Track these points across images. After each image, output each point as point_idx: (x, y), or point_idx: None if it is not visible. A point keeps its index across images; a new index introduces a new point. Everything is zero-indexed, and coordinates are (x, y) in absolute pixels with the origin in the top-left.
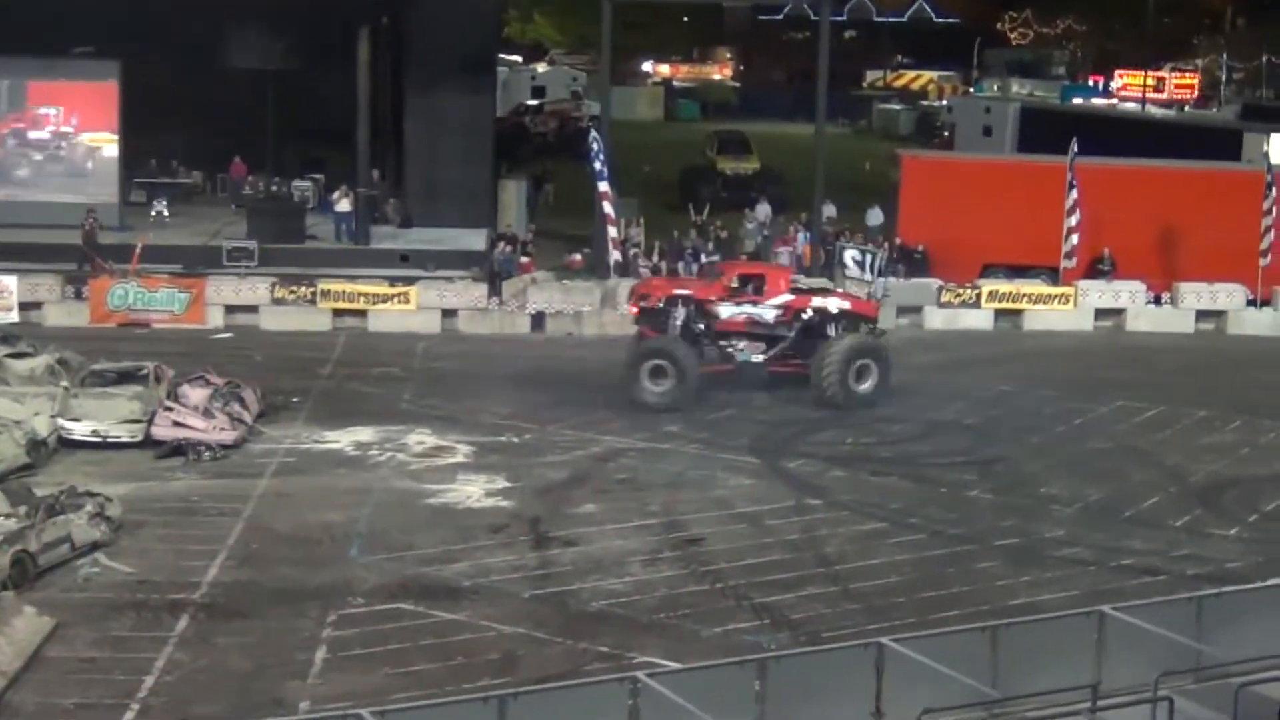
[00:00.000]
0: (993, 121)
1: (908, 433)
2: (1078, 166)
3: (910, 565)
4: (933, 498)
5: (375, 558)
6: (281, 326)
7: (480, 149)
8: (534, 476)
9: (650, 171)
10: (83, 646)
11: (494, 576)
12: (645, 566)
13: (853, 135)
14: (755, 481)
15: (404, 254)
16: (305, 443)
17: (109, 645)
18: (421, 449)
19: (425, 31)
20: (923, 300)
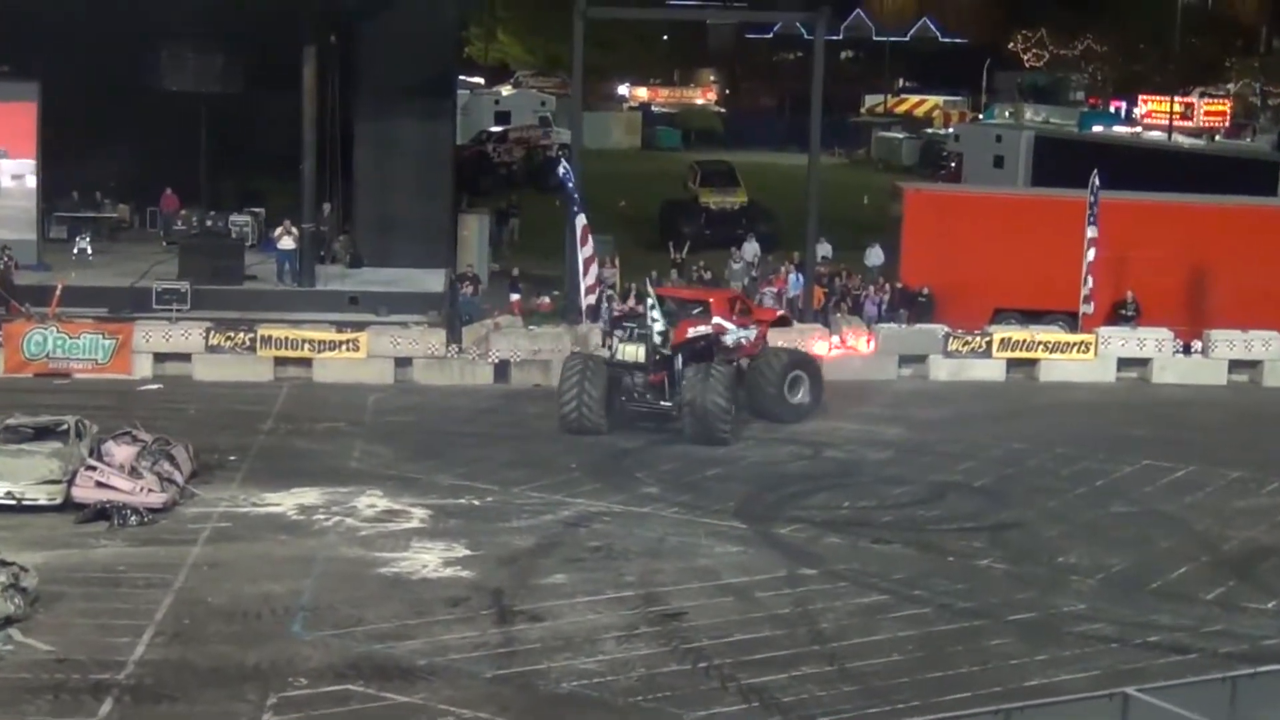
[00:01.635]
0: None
1: (911, 495)
2: (1099, 201)
3: (914, 642)
4: (939, 567)
5: (320, 634)
6: (217, 377)
7: (438, 180)
8: (497, 544)
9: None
10: None
11: (453, 655)
12: (621, 643)
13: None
14: (743, 549)
15: (353, 296)
16: (243, 506)
17: None
18: (372, 513)
19: (377, 51)
20: (928, 348)
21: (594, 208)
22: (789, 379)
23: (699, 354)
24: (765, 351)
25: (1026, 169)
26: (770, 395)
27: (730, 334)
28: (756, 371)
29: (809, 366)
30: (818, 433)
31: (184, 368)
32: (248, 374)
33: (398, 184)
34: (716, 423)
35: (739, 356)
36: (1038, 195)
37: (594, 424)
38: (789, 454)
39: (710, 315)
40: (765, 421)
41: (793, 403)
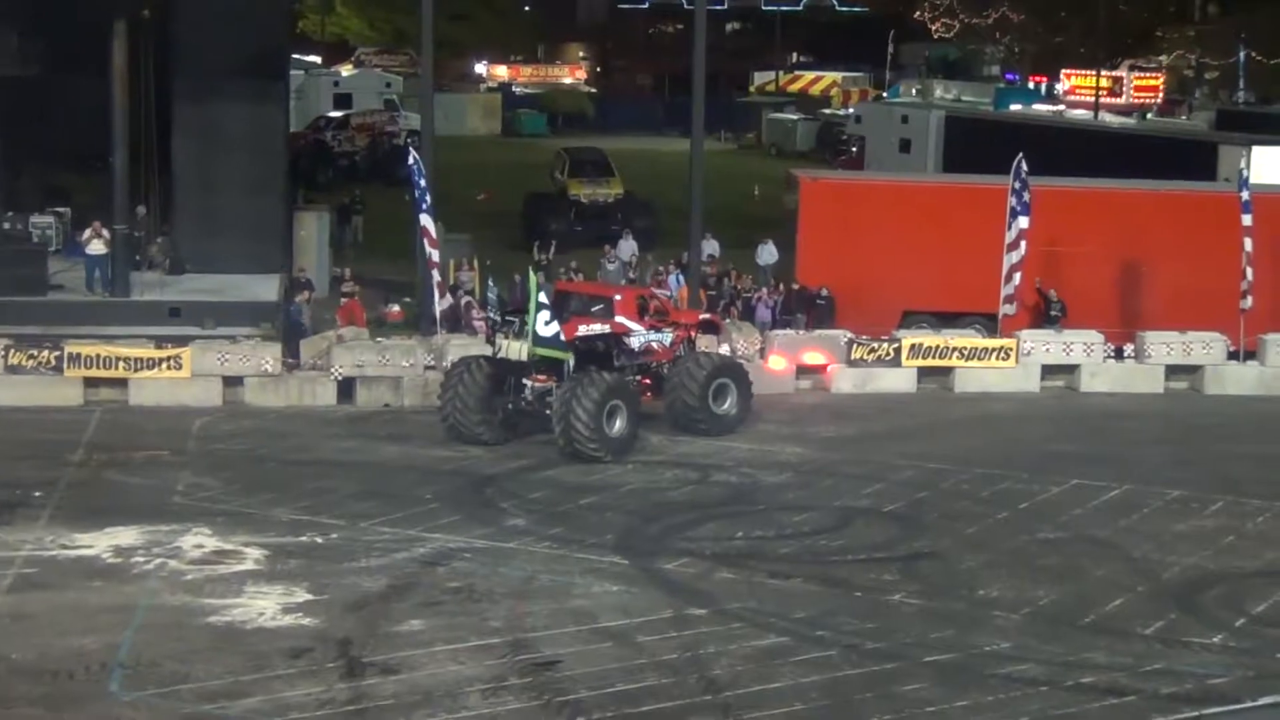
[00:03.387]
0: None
1: (813, 524)
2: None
3: (819, 689)
4: (845, 604)
5: (142, 694)
6: (17, 400)
7: (269, 174)
8: (344, 586)
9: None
10: None
11: (294, 714)
12: (486, 698)
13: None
14: (623, 588)
15: (174, 307)
16: (50, 549)
17: None
18: (199, 554)
19: (197, 26)
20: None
21: (449, 202)
22: (714, 387)
23: (598, 358)
24: (686, 358)
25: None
26: (692, 405)
27: (636, 336)
28: (676, 379)
29: (735, 373)
30: (706, 454)
31: None
32: (53, 397)
33: (223, 178)
34: (580, 438)
35: (652, 362)
36: (950, 182)
37: (470, 430)
38: (673, 479)
39: (612, 314)
40: (688, 436)
41: (718, 413)
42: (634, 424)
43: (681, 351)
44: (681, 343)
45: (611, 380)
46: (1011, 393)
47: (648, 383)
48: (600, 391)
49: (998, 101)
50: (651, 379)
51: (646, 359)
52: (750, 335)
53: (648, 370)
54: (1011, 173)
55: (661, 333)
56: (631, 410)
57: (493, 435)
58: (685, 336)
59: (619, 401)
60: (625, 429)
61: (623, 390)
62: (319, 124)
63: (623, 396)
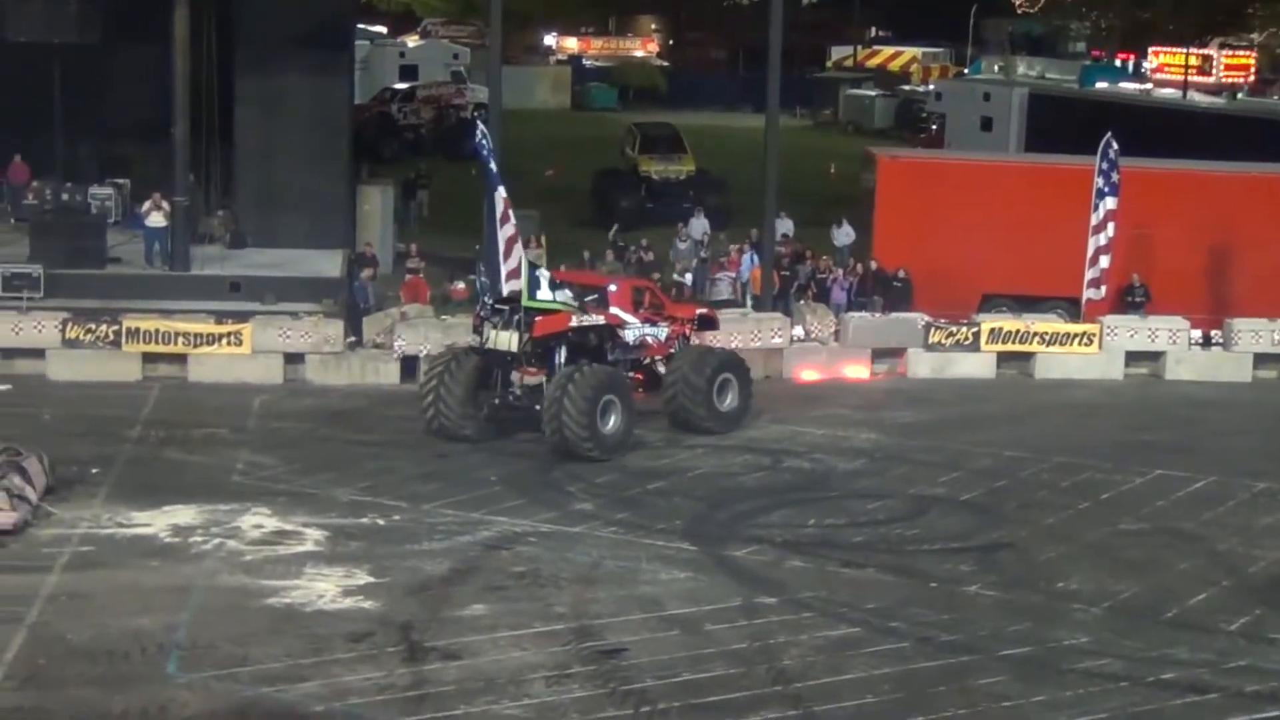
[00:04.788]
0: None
1: (887, 512)
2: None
3: (891, 682)
4: (920, 595)
5: (199, 675)
6: (76, 376)
7: (333, 146)
8: (405, 569)
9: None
10: None
11: (354, 699)
12: (551, 685)
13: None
14: (691, 575)
15: (235, 281)
16: (107, 527)
17: None
18: (259, 535)
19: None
20: (905, 341)
21: (517, 177)
22: (718, 382)
23: (591, 351)
24: (686, 352)
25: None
26: (696, 402)
27: (631, 329)
28: (677, 375)
29: (737, 367)
30: (777, 439)
31: (36, 365)
32: (111, 372)
33: (286, 151)
34: (572, 435)
35: (647, 357)
36: (1033, 162)
37: (454, 427)
38: (744, 464)
39: (606, 305)
40: (689, 433)
41: (722, 410)
42: (629, 420)
43: (677, 348)
44: (678, 338)
45: (605, 374)
46: (1094, 380)
47: (640, 378)
48: (593, 386)
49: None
50: (645, 375)
51: (640, 354)
52: (825, 317)
53: (641, 365)
54: (1099, 152)
55: (657, 327)
56: (626, 406)
57: (478, 432)
58: (681, 332)
59: (613, 397)
60: (620, 425)
61: (617, 385)
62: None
63: (617, 391)
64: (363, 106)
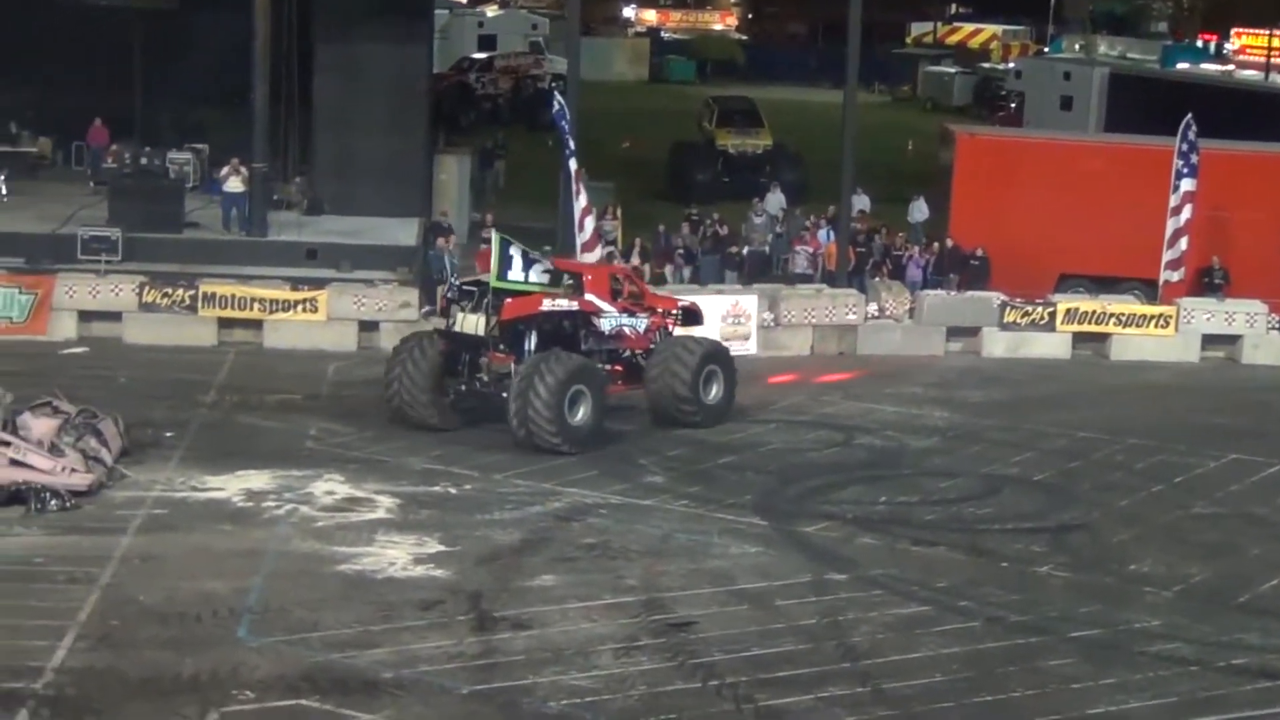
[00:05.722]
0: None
1: (959, 490)
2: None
3: (960, 661)
4: (991, 575)
5: (270, 640)
6: (152, 339)
7: (410, 115)
8: (476, 539)
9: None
10: None
11: (423, 667)
12: (619, 657)
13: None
14: (762, 550)
15: (311, 249)
16: (181, 490)
17: None
18: (331, 501)
19: None
20: (980, 319)
21: (594, 149)
22: (703, 374)
23: (564, 339)
24: (671, 343)
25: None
26: (681, 395)
27: (607, 318)
28: (662, 367)
29: (722, 359)
30: (850, 416)
31: (113, 328)
32: (187, 337)
33: (364, 119)
34: (537, 425)
35: (625, 348)
36: (1113, 142)
37: (418, 413)
38: (816, 440)
39: (581, 291)
40: (671, 428)
41: (707, 402)
42: (599, 412)
43: (657, 339)
44: (658, 330)
45: (575, 363)
46: (1170, 362)
47: (620, 370)
48: (563, 373)
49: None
50: (625, 366)
51: (617, 344)
52: (900, 295)
53: (619, 357)
54: (1179, 134)
55: (636, 317)
56: (597, 397)
57: (443, 420)
58: (662, 324)
59: (583, 386)
60: (589, 418)
61: (588, 374)
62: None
63: (587, 381)
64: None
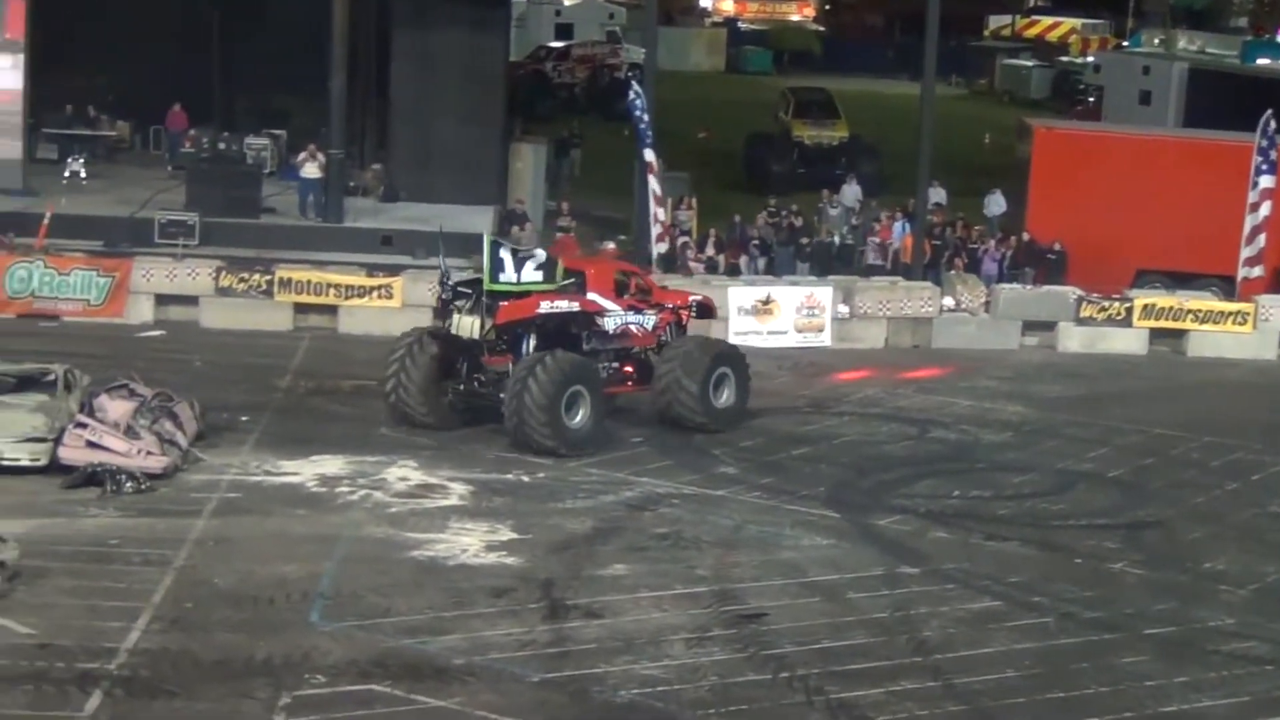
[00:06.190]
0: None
1: (1033, 486)
2: None
3: (1032, 657)
4: (1064, 571)
5: (342, 624)
6: (228, 324)
7: (487, 103)
8: (548, 527)
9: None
10: None
11: (494, 654)
12: (690, 647)
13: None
14: (834, 542)
15: (387, 235)
16: (255, 474)
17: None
18: (404, 487)
19: None
20: (1056, 314)
21: (669, 139)
22: (714, 377)
23: (565, 339)
24: (680, 343)
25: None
26: (691, 397)
27: (611, 317)
28: (671, 369)
29: (735, 361)
30: (924, 409)
31: (190, 312)
32: (263, 321)
33: (440, 106)
34: (531, 427)
35: (634, 347)
36: (1191, 138)
37: (415, 413)
38: (890, 433)
39: (584, 290)
40: (682, 430)
41: (717, 406)
42: (598, 415)
43: (667, 336)
44: (667, 326)
45: (573, 363)
46: (1247, 359)
47: (631, 370)
48: (559, 374)
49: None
50: (636, 366)
51: (623, 343)
52: (976, 288)
53: (629, 356)
54: (1258, 130)
55: (643, 314)
56: (595, 399)
57: (441, 421)
58: (671, 320)
59: (580, 388)
60: (587, 420)
61: (585, 375)
62: (539, 54)
63: (585, 382)
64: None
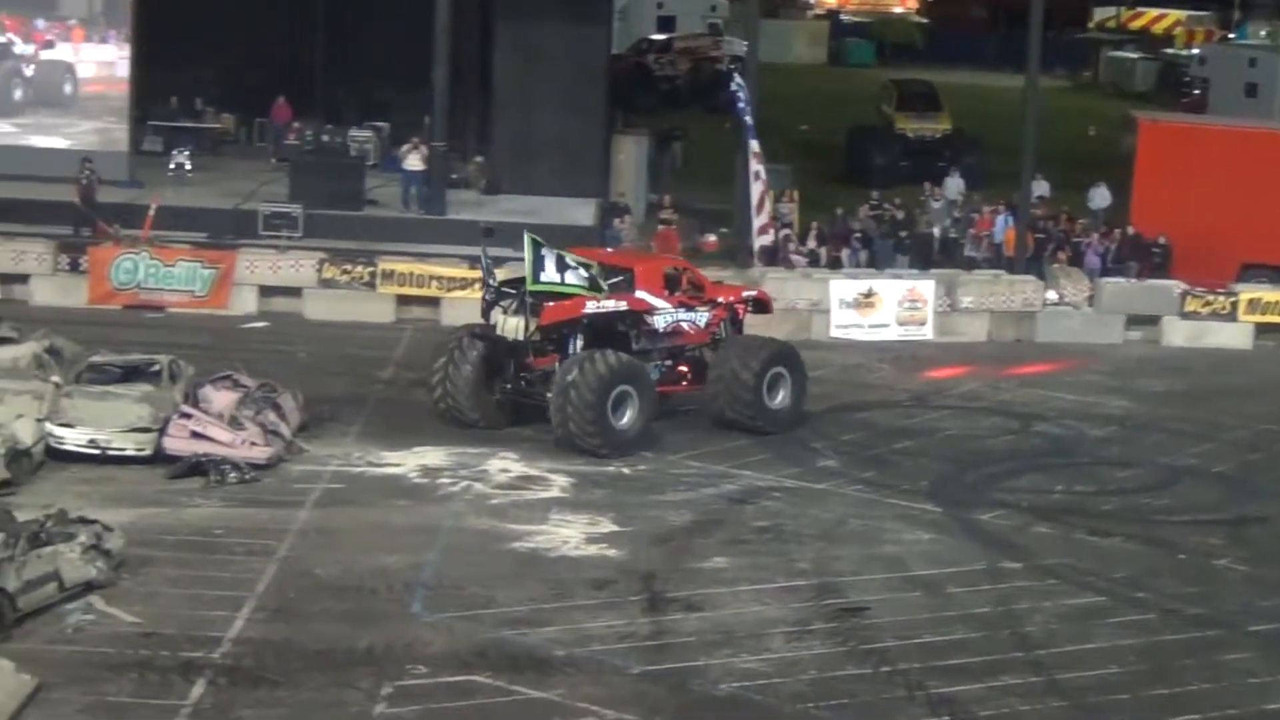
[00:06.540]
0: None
1: (1137, 481)
2: None
3: (1136, 653)
4: (1168, 566)
5: (443, 615)
6: (331, 315)
7: (590, 95)
8: (649, 519)
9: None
10: (71, 715)
11: (595, 646)
12: (790, 641)
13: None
14: (935, 536)
15: (488, 227)
16: (358, 465)
17: (104, 714)
18: (505, 479)
19: None
20: (1161, 308)
21: (771, 132)
22: (768, 377)
23: (614, 340)
24: (735, 342)
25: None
26: (743, 398)
27: (661, 315)
28: (724, 369)
29: (790, 361)
30: (1027, 403)
31: (293, 304)
32: (366, 313)
33: (543, 98)
34: (578, 428)
35: (685, 345)
36: None
37: (462, 413)
38: (992, 427)
39: (632, 288)
40: (735, 431)
41: (772, 407)
42: (646, 415)
43: (721, 332)
44: (721, 322)
45: (620, 363)
46: None
47: (687, 370)
48: (606, 374)
49: None
50: (691, 365)
51: (675, 341)
52: (1079, 282)
53: (682, 354)
54: None
55: (695, 311)
56: (645, 399)
57: (489, 419)
58: (725, 316)
59: (628, 388)
60: (635, 421)
61: (633, 374)
62: (641, 47)
63: (633, 382)
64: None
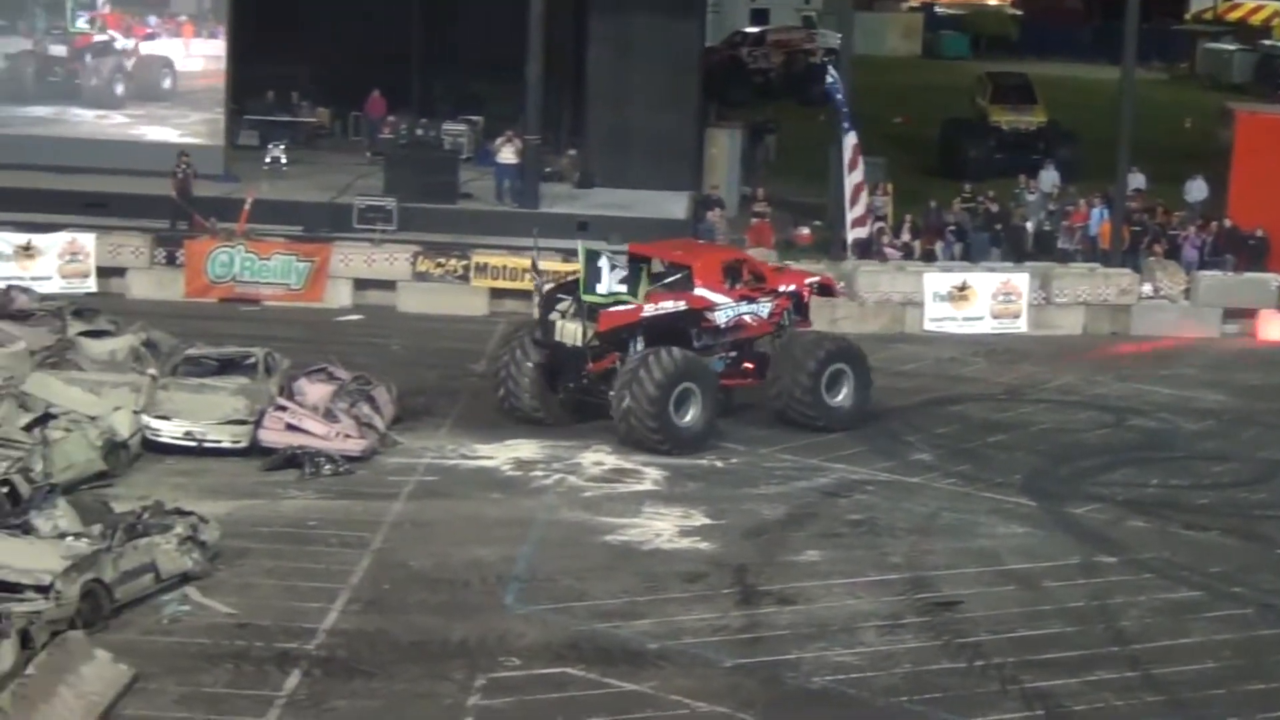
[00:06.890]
0: None
1: (1234, 475)
2: None
3: (1232, 648)
4: (1265, 561)
5: (537, 608)
6: (425, 308)
7: (683, 89)
8: (742, 512)
9: (902, 124)
10: (167, 705)
11: (688, 638)
12: (883, 634)
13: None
14: (1029, 530)
15: (583, 221)
16: (451, 458)
17: (200, 704)
18: (599, 472)
19: None
20: (1258, 301)
21: (865, 124)
22: (828, 374)
23: (675, 339)
24: (796, 337)
25: None
26: (801, 395)
27: (722, 310)
28: (783, 366)
29: (852, 358)
30: (1122, 396)
31: (388, 296)
32: (459, 306)
33: (636, 92)
34: (640, 426)
35: (748, 338)
36: None
37: (529, 411)
38: (1087, 420)
39: (691, 285)
40: (793, 428)
41: (831, 405)
42: (710, 412)
43: (786, 320)
44: (784, 311)
45: (682, 360)
46: None
47: (752, 368)
48: (668, 372)
49: None
50: (756, 359)
51: (738, 335)
52: (1175, 275)
53: (746, 347)
54: None
55: (757, 303)
56: (708, 396)
57: (552, 416)
58: (788, 304)
59: (691, 385)
60: (699, 418)
61: (697, 371)
62: (734, 39)
63: (697, 379)
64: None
